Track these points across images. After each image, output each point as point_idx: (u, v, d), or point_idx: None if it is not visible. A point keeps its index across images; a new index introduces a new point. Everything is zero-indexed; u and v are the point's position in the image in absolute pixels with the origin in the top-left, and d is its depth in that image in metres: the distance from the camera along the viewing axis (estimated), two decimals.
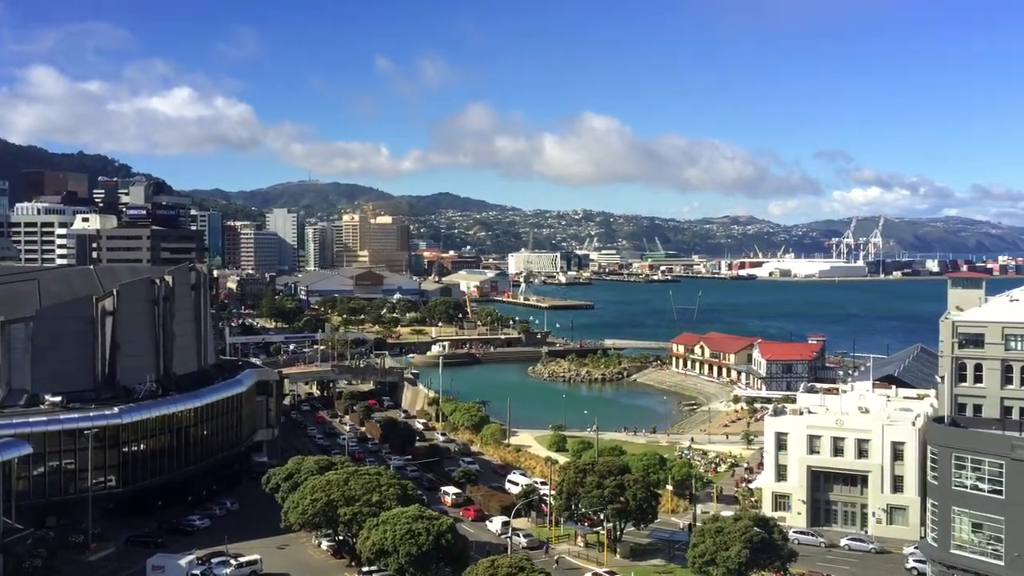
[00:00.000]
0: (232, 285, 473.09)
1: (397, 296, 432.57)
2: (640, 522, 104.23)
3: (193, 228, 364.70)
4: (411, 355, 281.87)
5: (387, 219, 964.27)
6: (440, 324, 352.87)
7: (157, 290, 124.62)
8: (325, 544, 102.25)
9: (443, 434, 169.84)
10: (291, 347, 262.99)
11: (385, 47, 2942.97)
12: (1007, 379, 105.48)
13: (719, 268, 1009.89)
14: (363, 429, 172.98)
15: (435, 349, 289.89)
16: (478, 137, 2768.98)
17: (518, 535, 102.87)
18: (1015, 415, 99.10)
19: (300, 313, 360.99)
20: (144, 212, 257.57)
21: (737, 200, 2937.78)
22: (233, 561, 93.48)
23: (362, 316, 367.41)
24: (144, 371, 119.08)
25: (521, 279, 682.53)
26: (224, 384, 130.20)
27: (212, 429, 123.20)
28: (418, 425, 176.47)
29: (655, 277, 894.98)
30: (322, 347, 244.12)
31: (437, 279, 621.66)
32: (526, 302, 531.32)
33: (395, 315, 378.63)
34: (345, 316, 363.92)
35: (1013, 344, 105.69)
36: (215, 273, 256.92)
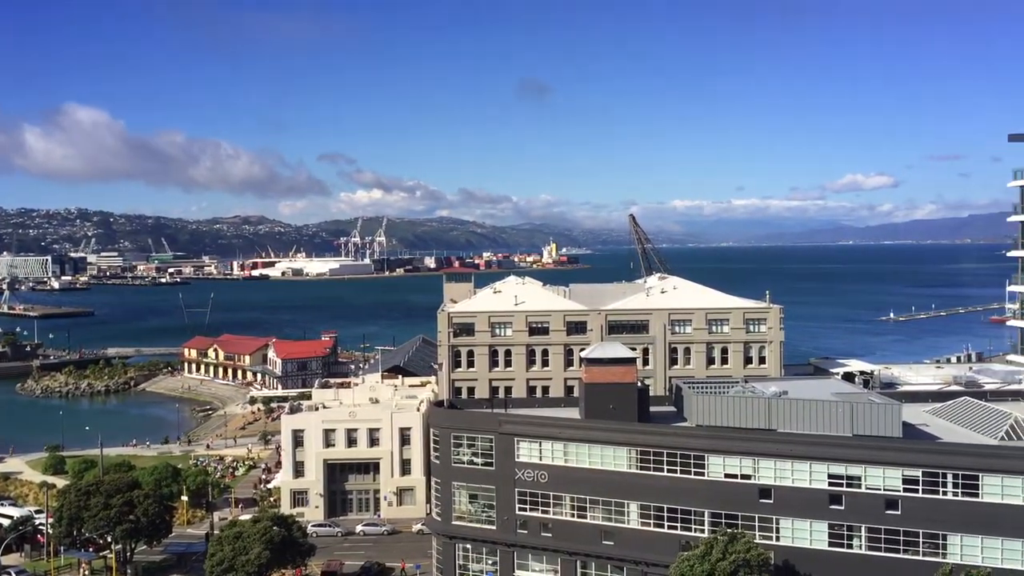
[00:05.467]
0: None
1: None
2: (153, 539, 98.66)
3: None
4: None
5: None
6: None
7: None
8: None
9: None
10: None
11: None
12: (494, 362, 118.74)
13: (231, 269, 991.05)
14: None
15: None
16: None
17: (9, 573, 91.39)
18: (501, 393, 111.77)
19: None
20: None
21: (247, 200, 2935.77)
22: None
23: None
24: None
25: (4, 286, 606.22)
26: None
27: None
28: None
29: (163, 280, 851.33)
30: None
31: None
32: (11, 311, 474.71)
33: None
34: None
35: (498, 331, 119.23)
36: None
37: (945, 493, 67.01)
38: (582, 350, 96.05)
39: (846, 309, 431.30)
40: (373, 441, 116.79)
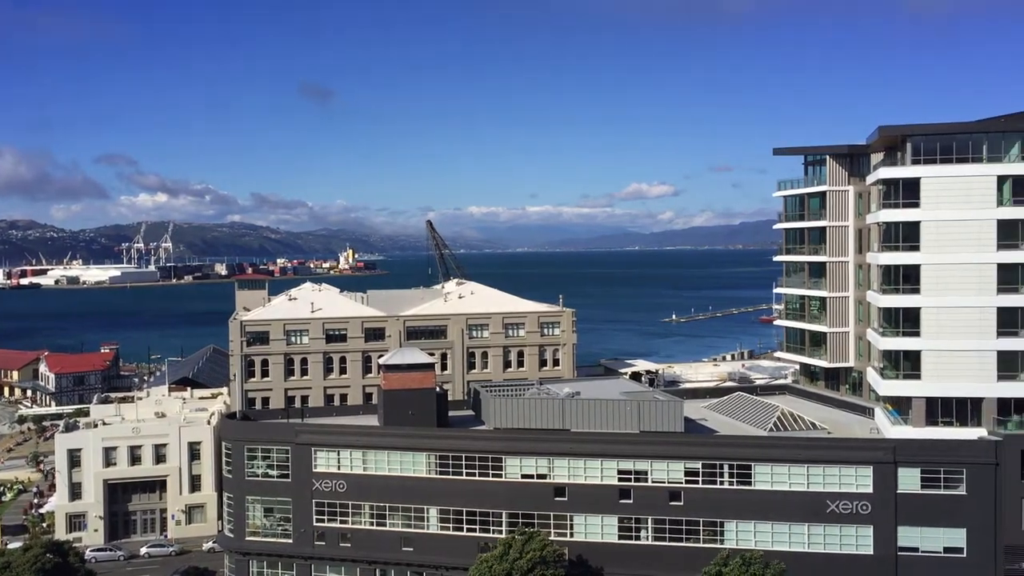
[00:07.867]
0: None
1: None
2: None
3: None
4: None
5: None
6: None
7: None
8: None
9: None
10: None
11: None
12: (289, 371, 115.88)
13: None
14: None
15: None
16: None
17: None
18: (297, 403, 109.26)
19: None
20: None
21: (13, 203, 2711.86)
22: None
23: None
24: None
25: None
26: None
27: None
28: None
29: None
30: None
31: None
32: None
33: None
34: None
35: (293, 339, 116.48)
36: None
37: (722, 483, 71.86)
38: (380, 357, 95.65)
39: (632, 312, 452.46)
40: (159, 458, 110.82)
